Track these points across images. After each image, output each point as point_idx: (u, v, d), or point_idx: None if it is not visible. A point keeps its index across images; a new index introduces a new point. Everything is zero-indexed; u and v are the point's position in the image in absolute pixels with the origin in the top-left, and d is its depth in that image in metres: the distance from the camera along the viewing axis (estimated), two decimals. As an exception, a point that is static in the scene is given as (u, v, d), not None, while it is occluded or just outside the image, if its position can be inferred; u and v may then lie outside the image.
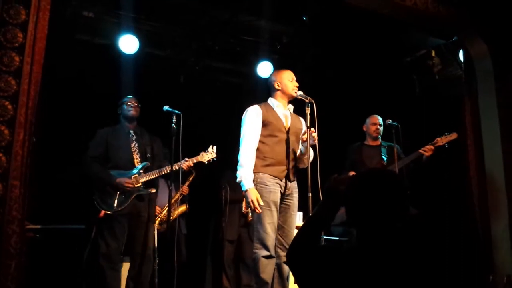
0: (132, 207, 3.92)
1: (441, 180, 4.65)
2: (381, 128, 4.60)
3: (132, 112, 4.08)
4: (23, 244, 2.74)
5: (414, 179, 4.51)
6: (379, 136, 4.62)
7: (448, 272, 4.20)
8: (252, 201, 3.25)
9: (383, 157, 4.29)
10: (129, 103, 4.09)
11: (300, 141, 3.47)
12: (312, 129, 3.35)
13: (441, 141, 4.31)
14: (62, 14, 4.65)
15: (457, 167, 4.45)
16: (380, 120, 4.64)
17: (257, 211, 3.28)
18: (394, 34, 4.93)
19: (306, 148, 3.37)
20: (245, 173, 3.34)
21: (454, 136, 4.34)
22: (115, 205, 3.85)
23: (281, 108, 3.57)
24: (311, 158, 3.44)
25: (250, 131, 3.45)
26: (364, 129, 4.74)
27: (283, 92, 3.57)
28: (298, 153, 3.54)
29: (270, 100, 3.62)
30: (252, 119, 3.47)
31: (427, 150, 4.29)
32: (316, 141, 3.35)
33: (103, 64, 5.03)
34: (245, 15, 5.11)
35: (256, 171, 3.40)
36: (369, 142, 4.69)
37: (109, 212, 3.83)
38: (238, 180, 3.37)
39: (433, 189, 4.73)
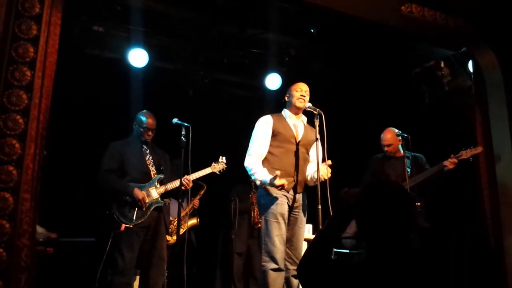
0: (151, 219, 3.92)
1: (464, 195, 4.55)
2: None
3: (148, 139, 4.10)
4: (33, 257, 2.74)
5: (435, 193, 4.42)
6: (398, 147, 4.45)
7: (459, 285, 4.14)
8: (281, 184, 3.21)
9: (407, 168, 4.16)
10: (148, 132, 4.06)
11: (314, 163, 3.45)
12: (327, 165, 3.33)
13: (466, 154, 4.15)
14: (72, 29, 4.71)
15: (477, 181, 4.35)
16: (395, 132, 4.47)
17: (285, 186, 3.23)
18: (403, 45, 4.92)
19: (317, 179, 3.32)
20: (260, 175, 3.34)
21: (479, 149, 4.17)
22: (134, 218, 3.83)
23: (293, 119, 3.57)
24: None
25: (258, 138, 3.47)
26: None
27: (291, 103, 3.58)
28: (308, 175, 3.52)
29: (284, 111, 3.63)
30: (261, 128, 3.50)
31: (450, 163, 4.13)
32: (329, 175, 3.34)
33: (113, 77, 5.08)
34: (253, 28, 5.14)
35: None
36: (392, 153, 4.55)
37: (130, 226, 3.80)
38: (259, 184, 3.36)
39: (455, 203, 4.64)
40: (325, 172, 3.32)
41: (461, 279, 4.17)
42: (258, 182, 3.38)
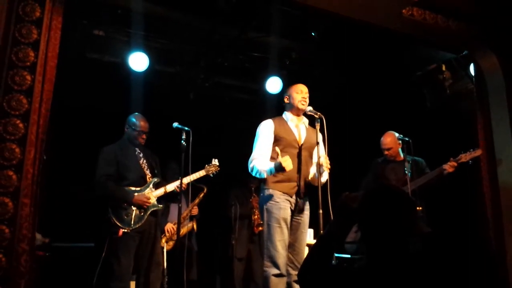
0: (147, 223, 3.90)
1: (465, 198, 4.52)
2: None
3: (142, 142, 4.08)
4: (32, 262, 2.73)
5: (437, 197, 4.39)
6: (398, 151, 4.44)
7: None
8: (285, 165, 3.20)
9: (407, 172, 4.13)
10: (142, 135, 4.05)
11: (315, 164, 3.40)
12: (323, 160, 3.31)
13: (465, 157, 4.10)
14: (73, 33, 4.71)
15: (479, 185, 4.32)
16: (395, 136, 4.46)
17: (287, 168, 3.21)
18: (404, 48, 4.91)
19: (319, 171, 3.29)
20: (263, 166, 3.33)
21: (478, 152, 4.14)
22: (132, 222, 3.82)
23: (295, 121, 3.55)
24: (325, 178, 3.40)
25: (260, 143, 3.46)
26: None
27: (292, 105, 3.56)
28: (311, 175, 3.48)
29: (284, 114, 3.61)
30: (263, 133, 3.48)
31: (449, 166, 4.09)
32: (328, 167, 3.30)
33: (113, 81, 5.07)
34: (254, 32, 5.13)
35: (266, 187, 3.39)
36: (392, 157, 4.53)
37: (127, 230, 3.78)
38: (265, 175, 3.34)
39: (457, 207, 4.61)
40: (324, 161, 3.29)
41: (463, 282, 4.14)
42: (265, 174, 3.34)
